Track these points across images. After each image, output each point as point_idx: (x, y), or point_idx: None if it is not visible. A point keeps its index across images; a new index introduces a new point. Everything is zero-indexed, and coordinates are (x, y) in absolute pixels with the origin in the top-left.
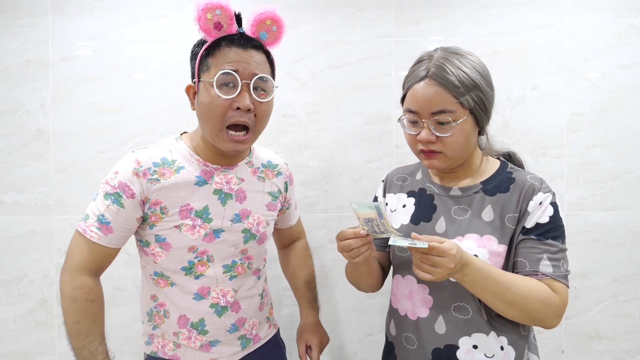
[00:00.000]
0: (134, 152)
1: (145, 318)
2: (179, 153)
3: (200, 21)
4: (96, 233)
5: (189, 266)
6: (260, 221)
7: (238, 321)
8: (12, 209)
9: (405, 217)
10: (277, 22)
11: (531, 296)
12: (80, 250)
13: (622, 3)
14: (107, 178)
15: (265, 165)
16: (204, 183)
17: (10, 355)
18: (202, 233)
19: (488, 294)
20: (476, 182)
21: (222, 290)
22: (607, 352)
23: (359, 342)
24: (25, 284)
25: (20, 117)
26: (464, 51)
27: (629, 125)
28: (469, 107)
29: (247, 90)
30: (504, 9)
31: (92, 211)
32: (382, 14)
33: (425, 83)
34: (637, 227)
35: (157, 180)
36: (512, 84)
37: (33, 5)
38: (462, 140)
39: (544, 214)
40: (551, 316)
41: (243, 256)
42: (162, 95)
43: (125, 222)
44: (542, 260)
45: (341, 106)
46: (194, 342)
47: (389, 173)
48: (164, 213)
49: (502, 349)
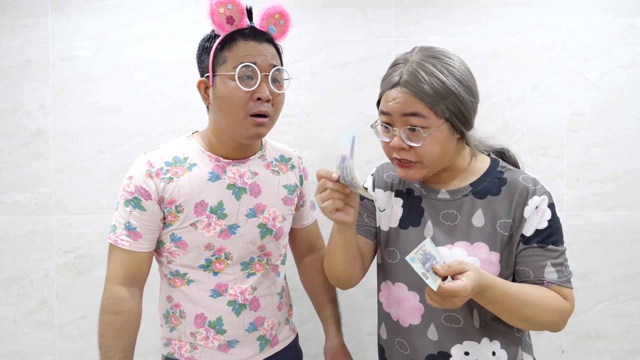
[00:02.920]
0: (145, 153)
1: (162, 321)
2: (191, 150)
3: (213, 15)
4: (127, 241)
5: (207, 264)
6: (276, 215)
7: (257, 320)
8: (12, 209)
9: (394, 219)
10: (284, 16)
11: (546, 308)
12: (115, 260)
13: (622, 3)
14: (123, 185)
15: (278, 159)
16: (217, 178)
17: (10, 355)
18: (217, 230)
19: (505, 312)
20: (465, 184)
21: (239, 287)
22: (607, 352)
23: (359, 342)
24: (25, 284)
25: (20, 117)
26: (442, 54)
27: (629, 125)
28: (443, 117)
29: (265, 81)
30: (504, 9)
31: (118, 221)
32: (382, 13)
33: (397, 91)
34: (637, 227)
35: (170, 178)
36: (512, 84)
37: (33, 5)
38: (436, 149)
39: (542, 219)
40: (562, 323)
41: (261, 253)
42: (162, 95)
43: (151, 224)
44: (546, 268)
45: (341, 106)
46: (211, 342)
47: (378, 167)
48: (179, 211)
49: (493, 354)
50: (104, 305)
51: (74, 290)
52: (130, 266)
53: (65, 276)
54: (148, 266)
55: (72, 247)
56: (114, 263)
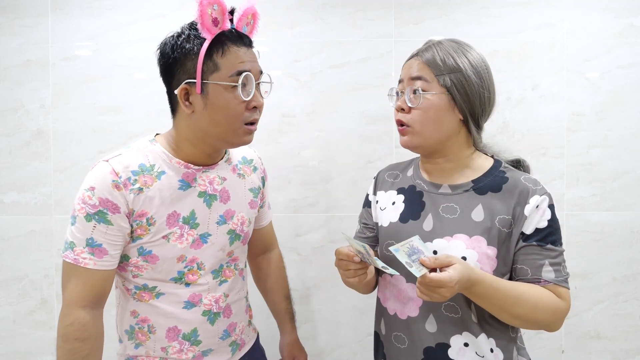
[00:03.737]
0: (107, 160)
1: (124, 337)
2: (157, 156)
3: (204, 17)
4: (90, 259)
5: (179, 276)
6: (244, 220)
7: (229, 326)
8: (12, 209)
9: (394, 214)
10: (255, 16)
11: (539, 306)
12: (75, 281)
13: (622, 3)
14: (81, 197)
15: (241, 161)
16: (188, 186)
17: (10, 355)
18: (189, 240)
19: (495, 308)
20: (467, 180)
21: (213, 296)
22: (607, 352)
23: (359, 342)
24: (25, 284)
25: (20, 117)
26: (466, 44)
27: (629, 125)
28: (445, 85)
29: (257, 89)
30: (504, 9)
31: (76, 237)
32: (382, 14)
33: (413, 59)
34: (637, 227)
35: (139, 189)
36: (512, 84)
37: (33, 5)
38: (430, 114)
39: (542, 218)
40: (557, 322)
41: (230, 259)
42: (162, 95)
43: (117, 239)
44: (544, 267)
45: (341, 106)
46: (185, 354)
47: (381, 170)
48: (151, 224)
49: (491, 351)
50: (66, 332)
51: None
52: (94, 286)
53: None
54: (111, 284)
55: None
56: (74, 284)
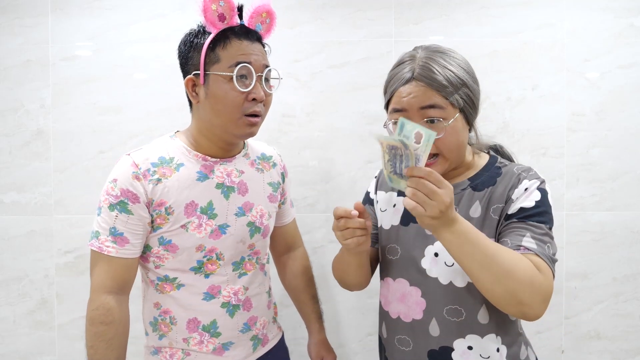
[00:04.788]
0: (129, 154)
1: (149, 329)
2: (176, 150)
3: (207, 12)
4: (113, 247)
5: (198, 266)
6: (263, 213)
7: (250, 320)
8: (12, 209)
9: (396, 217)
10: (271, 14)
11: (516, 270)
12: (100, 268)
13: (622, 3)
14: (105, 189)
15: (260, 157)
16: (206, 178)
17: (10, 355)
18: (208, 230)
19: (475, 262)
20: (464, 179)
21: (232, 288)
22: (607, 352)
23: (359, 342)
24: (25, 284)
25: (20, 117)
26: (445, 49)
27: (629, 125)
28: (459, 107)
29: (259, 81)
30: (504, 9)
31: (101, 226)
32: (382, 14)
33: (412, 85)
34: (637, 227)
35: (158, 180)
36: (512, 84)
37: (33, 5)
38: (455, 139)
39: (529, 198)
40: (537, 299)
41: (251, 252)
42: (162, 95)
43: (138, 228)
44: (525, 237)
45: (341, 106)
46: (206, 346)
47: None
48: (170, 213)
49: (497, 351)
50: (92, 316)
51: (74, 290)
52: (117, 273)
53: (65, 276)
54: (135, 272)
55: (72, 247)
56: (99, 271)
